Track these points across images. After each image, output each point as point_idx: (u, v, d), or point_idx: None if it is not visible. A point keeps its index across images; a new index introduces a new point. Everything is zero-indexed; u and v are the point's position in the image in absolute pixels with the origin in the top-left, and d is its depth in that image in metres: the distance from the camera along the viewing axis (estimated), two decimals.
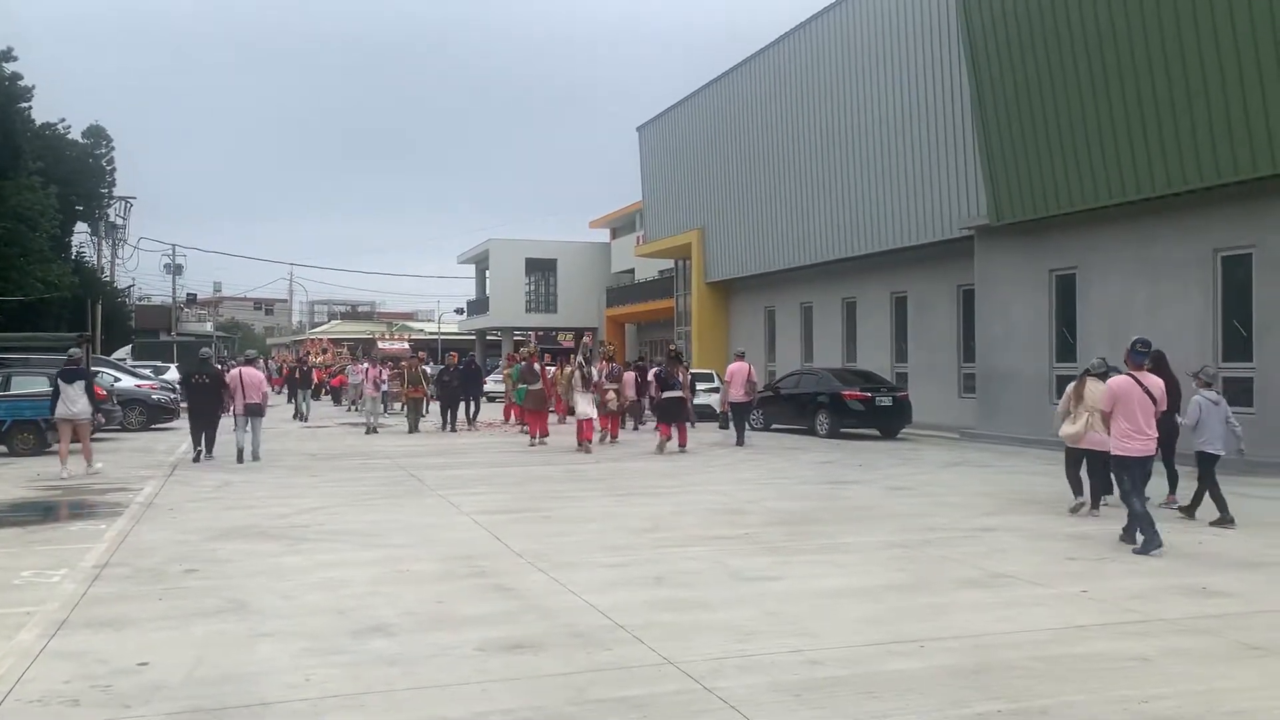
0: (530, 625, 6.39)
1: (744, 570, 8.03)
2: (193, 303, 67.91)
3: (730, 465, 16.42)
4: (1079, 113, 17.91)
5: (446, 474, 14.92)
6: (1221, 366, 16.24)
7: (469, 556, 8.60)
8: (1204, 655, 5.73)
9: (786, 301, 31.54)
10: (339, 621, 6.49)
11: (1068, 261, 19.19)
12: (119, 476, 14.77)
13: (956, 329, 23.94)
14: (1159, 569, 8.06)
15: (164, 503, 12.03)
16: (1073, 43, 17.83)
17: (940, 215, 23.25)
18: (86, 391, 15.06)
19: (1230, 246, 16.16)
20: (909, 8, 24.15)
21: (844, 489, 13.31)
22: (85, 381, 15.16)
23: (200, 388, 17.00)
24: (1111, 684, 5.21)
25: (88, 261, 45.76)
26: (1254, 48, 14.78)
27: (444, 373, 24.62)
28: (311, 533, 9.90)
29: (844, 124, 26.84)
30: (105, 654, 5.80)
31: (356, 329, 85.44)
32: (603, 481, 14.07)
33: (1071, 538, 9.47)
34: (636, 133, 41.18)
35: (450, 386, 24.02)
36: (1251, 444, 15.32)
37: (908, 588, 7.43)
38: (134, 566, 8.26)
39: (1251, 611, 6.73)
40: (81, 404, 14.93)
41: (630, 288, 47.73)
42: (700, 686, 5.17)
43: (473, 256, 58.97)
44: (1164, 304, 17.12)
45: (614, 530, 9.98)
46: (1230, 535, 9.69)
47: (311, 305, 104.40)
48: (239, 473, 15.29)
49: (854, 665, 5.52)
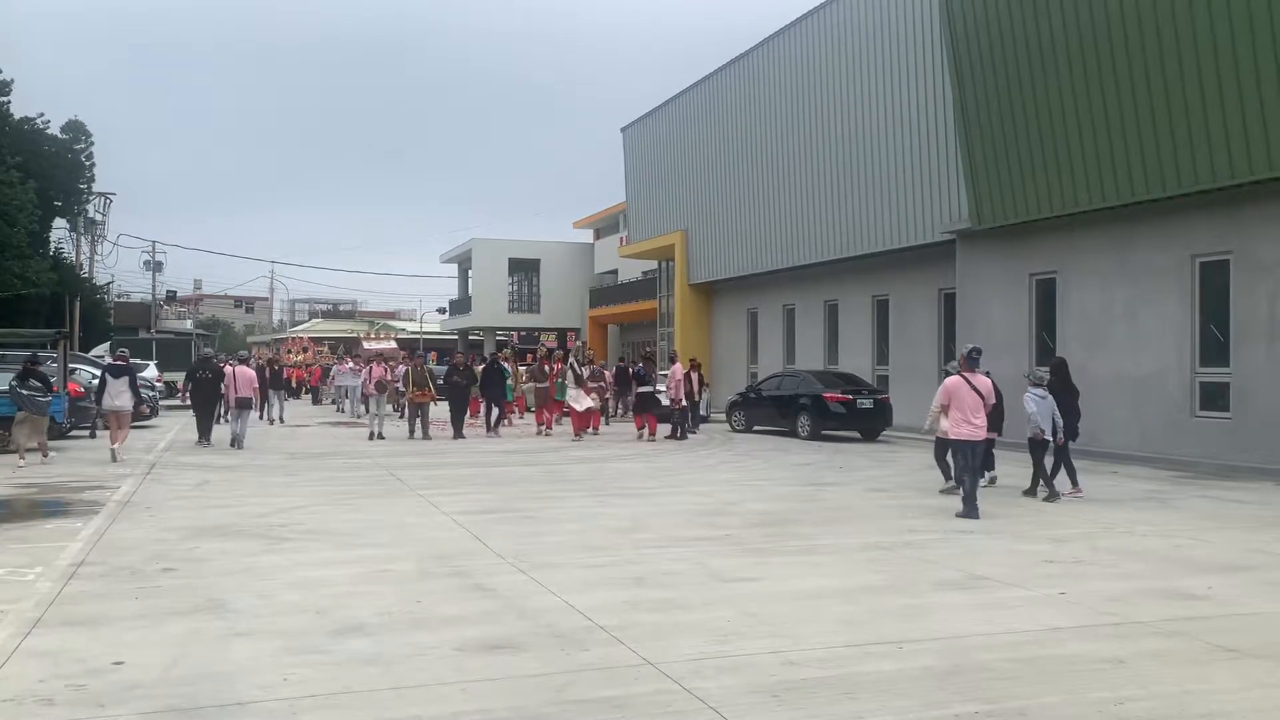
0: (510, 625, 6.38)
1: (724, 571, 8.04)
2: (172, 300, 67.40)
3: (711, 467, 16.45)
4: (1060, 118, 18.04)
5: (427, 474, 14.88)
6: (1199, 372, 16.40)
7: (449, 556, 8.58)
8: (1178, 657, 5.78)
9: (769, 303, 31.61)
10: (317, 621, 6.46)
11: (1048, 266, 19.31)
12: (96, 474, 14.65)
13: (937, 332, 24.05)
14: (1135, 572, 8.12)
15: (141, 501, 11.94)
16: (1054, 49, 17.95)
17: (922, 219, 23.35)
18: (130, 386, 16.92)
19: (1208, 252, 16.31)
20: (892, 12, 24.26)
21: (824, 490, 13.35)
22: (130, 377, 17.05)
23: (203, 382, 19.78)
24: (1087, 686, 5.24)
25: (66, 258, 45.35)
26: (1232, 56, 14.93)
27: (452, 373, 22.61)
28: (290, 532, 9.85)
29: (827, 127, 26.93)
30: (80, 653, 5.75)
31: (337, 328, 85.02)
32: (584, 482, 14.06)
33: (1049, 540, 9.53)
34: (621, 134, 41.21)
35: (460, 389, 22.06)
36: (1228, 449, 15.50)
37: (886, 589, 7.46)
38: (110, 565, 8.20)
39: (1225, 614, 6.79)
40: (125, 397, 16.78)
41: (613, 289, 47.72)
42: (679, 687, 5.18)
43: (455, 256, 58.82)
44: (1143, 309, 17.26)
45: (594, 531, 9.98)
46: (1205, 539, 9.76)
47: (292, 304, 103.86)
48: (218, 471, 15.21)
49: (832, 666, 5.54)
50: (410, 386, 21.40)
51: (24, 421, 15.68)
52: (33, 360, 16.44)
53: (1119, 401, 17.50)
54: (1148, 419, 17.04)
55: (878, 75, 24.80)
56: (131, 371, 17.36)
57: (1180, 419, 16.52)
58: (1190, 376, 16.48)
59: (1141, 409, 17.14)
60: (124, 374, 16.95)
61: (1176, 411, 16.59)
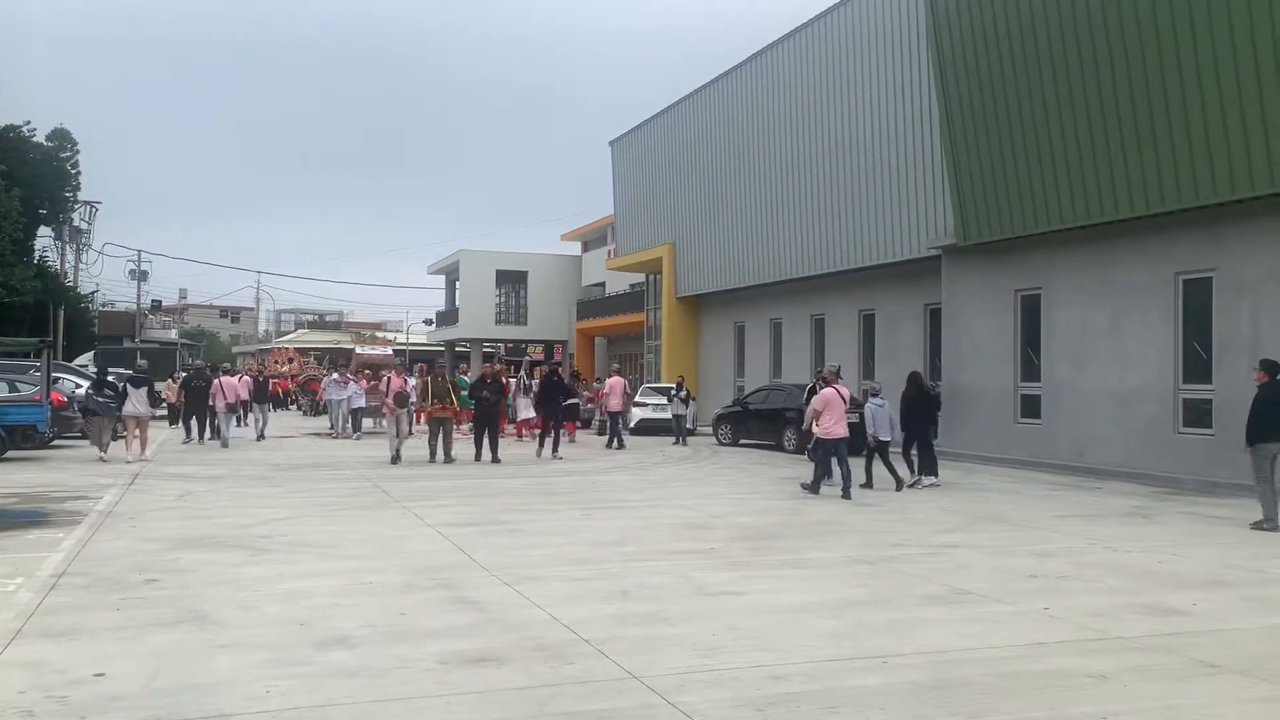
0: (494, 638, 6.37)
1: (709, 585, 8.04)
2: (157, 309, 67.08)
3: (697, 480, 16.46)
4: (1046, 136, 18.18)
5: (412, 485, 14.84)
6: (1182, 388, 16.50)
7: (433, 569, 8.56)
8: (1160, 672, 5.81)
9: (756, 317, 31.69)
10: (300, 633, 6.43)
11: (1033, 282, 19.43)
12: (78, 485, 14.57)
13: (923, 347, 24.14)
14: (1118, 588, 8.16)
15: (124, 511, 11.88)
16: (1040, 67, 18.11)
17: (908, 235, 23.47)
18: (149, 395, 19.41)
19: (1191, 270, 16.44)
20: (880, 29, 24.43)
21: (809, 504, 13.38)
22: (148, 387, 19.50)
23: (197, 389, 23.14)
24: (1070, 701, 5.26)
25: (51, 266, 45.11)
26: (1215, 77, 15.08)
27: (479, 385, 19.89)
28: (274, 543, 9.81)
29: (814, 142, 27.06)
30: (61, 664, 5.71)
31: (323, 338, 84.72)
32: (569, 495, 14.05)
33: (1033, 555, 9.57)
34: (609, 147, 41.30)
35: (489, 404, 19.34)
36: (1211, 465, 15.59)
37: (871, 603, 7.47)
38: (92, 576, 8.15)
39: (1207, 630, 6.83)
40: (144, 405, 19.00)
41: (601, 301, 47.73)
42: (664, 701, 5.17)
43: (443, 267, 58.75)
44: (1126, 325, 17.38)
45: (579, 544, 9.97)
46: (1187, 555, 9.81)
47: (278, 314, 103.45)
48: (201, 482, 15.14)
49: (817, 680, 5.54)
50: (429, 399, 18.81)
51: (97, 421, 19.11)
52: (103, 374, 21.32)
53: (1103, 418, 17.60)
54: (1131, 435, 17.14)
55: (865, 91, 24.95)
56: (150, 382, 19.99)
57: (1164, 435, 16.62)
58: (1174, 393, 16.58)
59: (1125, 425, 17.23)
60: (144, 384, 19.19)
61: (1160, 428, 16.69)
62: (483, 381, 20.04)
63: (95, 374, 22.16)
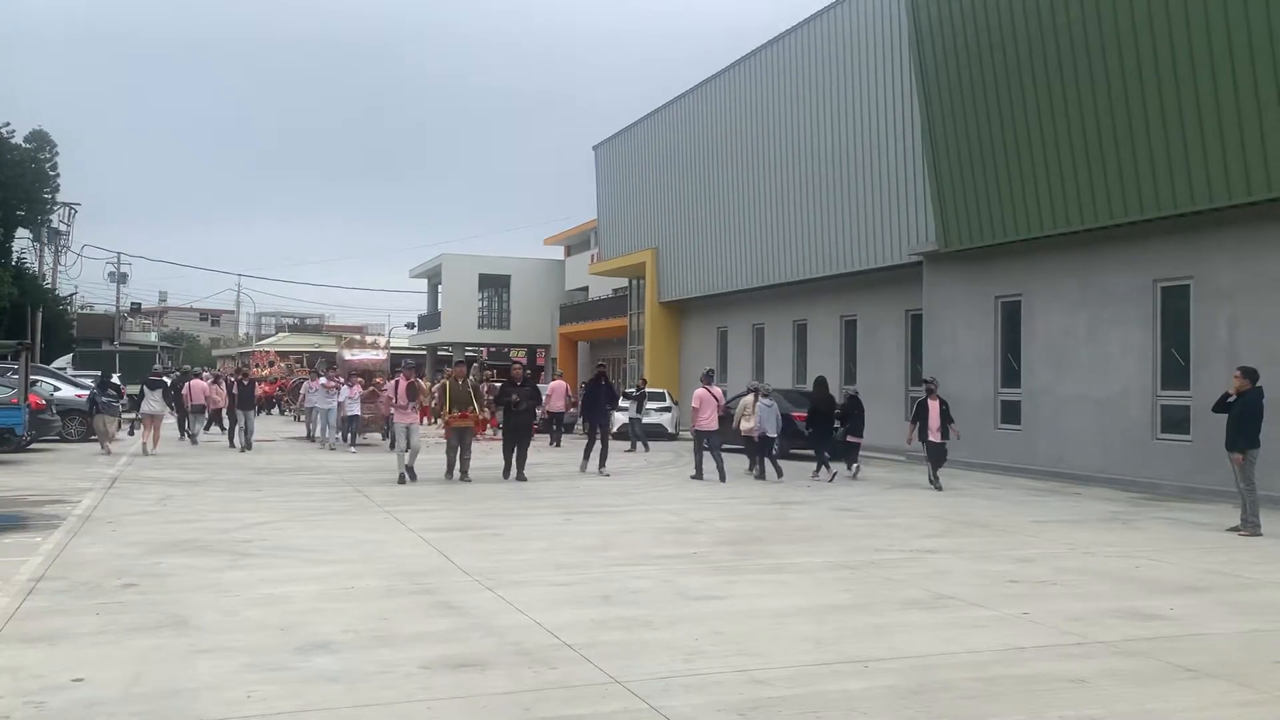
0: (476, 643, 6.36)
1: (692, 589, 8.05)
2: (137, 312, 66.67)
3: (680, 484, 16.48)
4: (1026, 144, 18.32)
5: (394, 490, 14.78)
6: (1160, 394, 16.64)
7: (415, 573, 8.53)
8: (1139, 677, 5.86)
9: (739, 322, 31.76)
10: (281, 638, 6.40)
11: (1013, 289, 19.56)
12: (56, 488, 14.45)
13: (905, 353, 24.26)
14: (1097, 592, 8.22)
15: (103, 515, 11.79)
16: (1021, 76, 18.25)
17: (890, 241, 23.58)
18: (164, 396, 21.95)
19: (1169, 277, 16.58)
20: (862, 36, 24.55)
21: (792, 509, 13.41)
22: (163, 389, 22.01)
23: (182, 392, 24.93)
24: (1049, 704, 5.30)
25: (29, 268, 44.73)
26: (1193, 87, 15.24)
27: (507, 391, 16.81)
28: (255, 548, 9.75)
29: (797, 149, 27.16)
30: (39, 669, 5.67)
31: (305, 341, 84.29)
32: (553, 500, 14.03)
33: (1013, 560, 9.63)
34: (593, 151, 41.33)
35: (520, 412, 16.54)
36: (1188, 471, 15.72)
37: (853, 608, 7.50)
38: (71, 580, 8.09)
39: (1186, 634, 6.89)
40: (159, 405, 21.31)
41: (584, 305, 47.73)
42: (647, 705, 5.18)
43: (425, 271, 58.61)
44: (1105, 332, 17.51)
45: (563, 548, 9.96)
46: (1166, 560, 9.89)
47: (259, 317, 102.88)
48: (181, 486, 15.04)
49: (799, 685, 5.56)
50: (448, 407, 16.21)
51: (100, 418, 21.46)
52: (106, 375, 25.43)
53: (1083, 423, 17.73)
54: (1111, 441, 17.27)
55: (847, 98, 25.07)
56: (164, 385, 22.33)
57: (1143, 441, 16.75)
58: (1152, 399, 16.72)
59: (1105, 431, 17.36)
60: (159, 387, 21.63)
61: (1139, 433, 16.82)
62: (512, 384, 16.71)
63: (101, 375, 25.92)
